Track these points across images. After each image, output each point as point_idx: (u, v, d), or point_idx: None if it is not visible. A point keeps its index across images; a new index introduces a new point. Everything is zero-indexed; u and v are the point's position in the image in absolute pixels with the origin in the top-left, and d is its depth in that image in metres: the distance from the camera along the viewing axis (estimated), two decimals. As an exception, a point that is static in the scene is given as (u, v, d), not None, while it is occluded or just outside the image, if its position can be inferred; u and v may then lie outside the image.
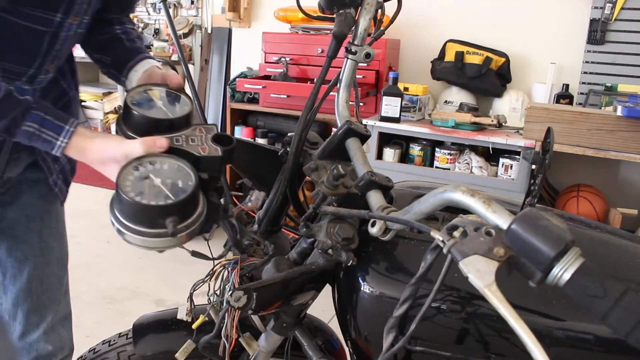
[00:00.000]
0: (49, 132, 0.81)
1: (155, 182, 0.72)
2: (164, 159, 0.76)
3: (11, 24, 0.86)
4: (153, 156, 0.76)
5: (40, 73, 0.96)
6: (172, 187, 0.72)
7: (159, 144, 0.77)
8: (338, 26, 0.85)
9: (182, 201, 0.70)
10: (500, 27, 3.13)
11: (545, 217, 0.52)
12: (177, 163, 0.75)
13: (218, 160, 0.78)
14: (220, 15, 3.94)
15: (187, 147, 0.78)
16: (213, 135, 0.81)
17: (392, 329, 0.65)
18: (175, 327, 1.03)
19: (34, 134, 0.81)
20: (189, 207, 0.72)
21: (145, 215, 0.70)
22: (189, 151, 0.78)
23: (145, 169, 0.74)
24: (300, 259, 0.86)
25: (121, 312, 2.45)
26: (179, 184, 0.72)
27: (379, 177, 0.78)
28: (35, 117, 0.81)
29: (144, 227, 0.70)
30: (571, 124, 2.52)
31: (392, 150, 2.96)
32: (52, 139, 0.81)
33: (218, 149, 0.79)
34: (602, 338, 0.67)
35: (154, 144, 0.77)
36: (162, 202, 0.69)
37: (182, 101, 0.88)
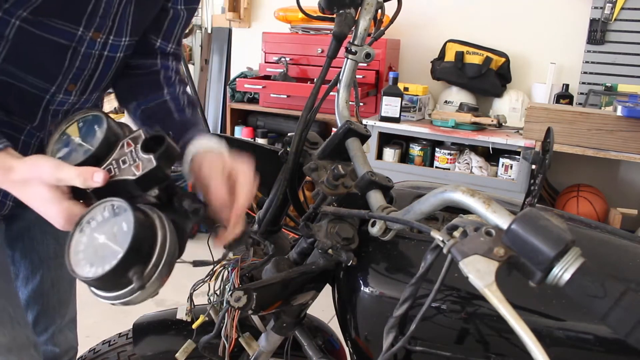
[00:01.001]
0: None
1: (100, 239, 0.64)
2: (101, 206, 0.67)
3: (34, 36, 0.83)
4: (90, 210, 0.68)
5: (59, 92, 0.91)
6: (119, 236, 0.63)
7: (96, 176, 0.67)
8: (338, 26, 0.85)
9: (130, 248, 0.61)
10: (500, 27, 3.13)
11: (545, 217, 0.52)
12: (112, 203, 0.66)
13: (155, 171, 0.67)
14: (220, 15, 3.93)
15: (120, 173, 0.68)
16: (141, 144, 0.69)
17: (392, 329, 0.65)
18: (175, 327, 1.03)
19: None
20: (143, 247, 0.63)
21: (107, 283, 0.63)
22: (123, 179, 0.68)
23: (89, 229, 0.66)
24: (300, 259, 0.86)
25: (121, 312, 2.45)
26: (124, 229, 0.63)
27: (379, 177, 0.78)
28: None
29: (114, 291, 0.64)
30: (571, 124, 2.52)
31: (392, 150, 2.96)
32: None
33: (151, 158, 0.67)
34: (602, 338, 0.67)
35: (91, 177, 0.67)
36: (114, 262, 0.61)
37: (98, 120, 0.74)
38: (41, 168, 0.69)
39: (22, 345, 0.98)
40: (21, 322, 0.99)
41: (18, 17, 0.81)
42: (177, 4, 0.98)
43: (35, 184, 0.69)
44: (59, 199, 0.69)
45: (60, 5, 0.82)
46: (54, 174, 0.69)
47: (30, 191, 0.70)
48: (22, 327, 0.99)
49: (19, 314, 0.99)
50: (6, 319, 0.96)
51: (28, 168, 0.70)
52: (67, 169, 0.68)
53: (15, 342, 0.97)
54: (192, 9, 1.02)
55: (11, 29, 0.82)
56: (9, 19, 0.81)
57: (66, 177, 0.68)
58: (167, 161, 0.69)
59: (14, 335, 0.97)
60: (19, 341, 0.97)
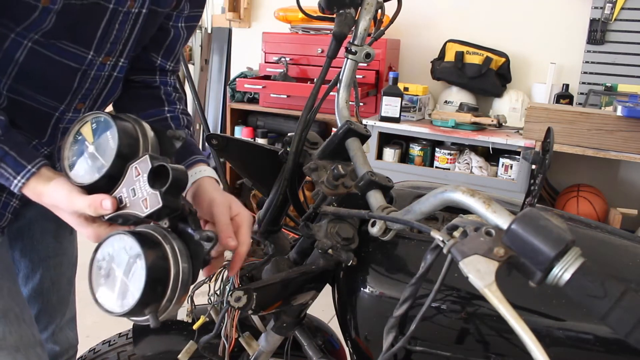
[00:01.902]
0: (8, 169, 0.76)
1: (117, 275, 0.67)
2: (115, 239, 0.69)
3: (44, 56, 0.84)
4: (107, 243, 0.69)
5: (69, 110, 0.92)
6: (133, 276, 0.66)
7: (104, 206, 0.70)
8: (338, 26, 0.85)
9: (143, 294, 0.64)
10: (500, 27, 3.13)
11: (545, 217, 0.52)
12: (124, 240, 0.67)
13: (162, 210, 0.68)
14: (220, 15, 3.93)
15: (131, 207, 0.70)
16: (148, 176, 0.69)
17: (392, 329, 0.65)
18: (175, 327, 1.03)
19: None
20: (156, 289, 0.66)
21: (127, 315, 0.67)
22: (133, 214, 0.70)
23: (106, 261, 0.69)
24: (300, 259, 0.86)
25: (121, 312, 2.45)
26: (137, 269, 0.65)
27: (379, 177, 0.78)
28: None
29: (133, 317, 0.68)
30: (571, 124, 2.52)
31: (392, 150, 2.96)
32: (9, 176, 0.76)
33: (157, 195, 0.67)
34: (602, 338, 0.67)
35: (100, 207, 0.71)
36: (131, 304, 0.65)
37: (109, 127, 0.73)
38: (58, 199, 0.74)
39: (29, 343, 0.98)
40: (27, 321, 1.00)
41: (30, 40, 0.82)
42: (178, 23, 0.99)
43: (62, 213, 0.76)
44: (83, 223, 0.75)
45: (70, 30, 0.83)
46: (69, 206, 0.73)
47: (62, 214, 0.77)
48: (28, 325, 1.00)
49: (25, 313, 1.00)
50: (13, 317, 0.96)
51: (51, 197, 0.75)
52: (78, 200, 0.72)
53: (22, 340, 0.97)
54: (192, 27, 1.03)
55: (22, 51, 0.83)
56: (21, 41, 0.82)
57: (79, 208, 0.73)
58: (175, 194, 0.69)
59: (20, 334, 0.97)
60: (25, 340, 0.98)
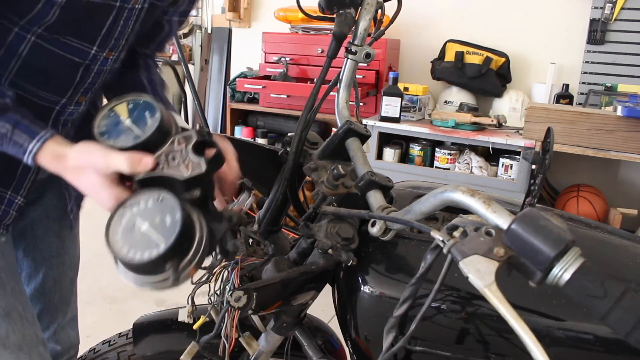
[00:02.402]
0: (22, 135, 0.75)
1: (143, 228, 0.67)
2: (146, 194, 0.69)
3: (47, 51, 0.85)
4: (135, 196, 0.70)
5: (70, 104, 0.93)
6: (161, 227, 0.66)
7: (144, 162, 0.70)
8: (338, 26, 0.85)
9: (173, 244, 0.65)
10: (500, 27, 3.13)
11: (545, 217, 0.52)
12: (160, 195, 0.68)
13: (203, 177, 0.70)
14: (220, 15, 3.94)
15: (169, 170, 0.71)
16: (193, 145, 0.71)
17: (392, 329, 0.65)
18: (176, 327, 1.03)
19: (6, 136, 0.76)
20: (184, 244, 0.67)
21: (142, 268, 0.66)
22: (171, 176, 0.70)
23: (131, 212, 0.69)
24: (300, 259, 0.85)
25: (121, 312, 2.45)
26: (167, 222, 0.66)
27: (379, 177, 0.78)
28: (10, 119, 0.76)
29: (146, 275, 0.67)
30: (571, 124, 2.52)
31: (392, 150, 2.96)
32: (23, 142, 0.75)
33: (201, 162, 0.70)
34: (602, 338, 0.67)
35: (139, 163, 0.70)
36: (155, 254, 0.64)
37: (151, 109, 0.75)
38: (92, 156, 0.73)
39: (32, 343, 0.99)
40: (30, 320, 1.00)
41: (33, 34, 0.82)
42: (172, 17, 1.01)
43: (88, 171, 0.73)
44: (109, 185, 0.72)
45: (74, 26, 0.84)
46: (104, 162, 0.71)
47: (83, 178, 0.74)
48: (31, 324, 1.00)
49: (27, 312, 1.00)
50: (16, 317, 0.97)
51: (80, 156, 0.74)
52: (116, 155, 0.71)
53: (25, 340, 0.97)
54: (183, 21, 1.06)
55: (26, 45, 0.83)
56: (24, 35, 0.82)
57: (115, 164, 0.71)
58: (215, 167, 0.72)
59: (23, 333, 0.97)
60: (28, 339, 0.98)
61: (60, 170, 0.76)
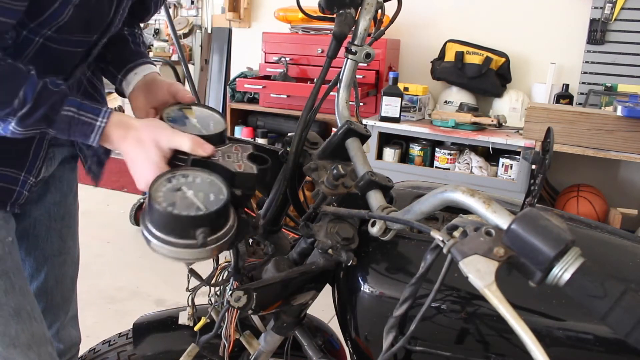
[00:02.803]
0: (88, 114, 0.80)
1: (188, 194, 0.72)
2: (197, 172, 0.75)
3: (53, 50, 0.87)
4: (187, 169, 0.76)
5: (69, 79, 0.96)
6: (204, 199, 0.71)
7: (205, 147, 0.77)
8: (338, 26, 0.85)
9: (213, 213, 0.70)
10: (500, 27, 3.13)
11: (545, 217, 0.52)
12: (210, 177, 0.75)
13: (253, 178, 0.77)
14: (220, 15, 3.94)
15: (223, 163, 0.78)
16: (249, 154, 0.81)
17: (392, 328, 0.65)
18: (176, 327, 1.03)
19: (74, 118, 0.80)
20: (220, 220, 0.72)
21: (175, 225, 0.69)
22: (224, 166, 0.77)
23: (178, 181, 0.74)
24: (300, 259, 0.85)
25: (121, 312, 2.45)
26: (211, 197, 0.72)
27: (379, 177, 0.78)
28: (73, 102, 0.80)
29: (174, 237, 0.69)
30: (571, 124, 2.52)
31: (392, 150, 2.96)
32: (91, 120, 0.80)
33: (253, 166, 0.78)
34: (602, 338, 0.67)
35: (200, 146, 0.77)
36: (193, 213, 0.69)
37: (216, 119, 0.88)
38: (159, 129, 0.79)
39: (40, 341, 0.99)
40: (37, 319, 1.00)
41: (42, 36, 0.84)
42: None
43: (148, 143, 0.78)
44: (160, 159, 0.78)
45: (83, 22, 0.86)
46: (169, 137, 0.78)
47: (140, 150, 0.79)
48: (39, 323, 1.00)
49: (35, 311, 1.00)
50: (25, 316, 0.97)
51: (148, 129, 0.80)
52: (182, 135, 0.78)
53: (34, 339, 0.97)
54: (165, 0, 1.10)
55: (33, 48, 0.85)
56: (33, 38, 0.84)
57: (179, 141, 0.78)
58: (263, 176, 0.80)
59: (32, 332, 0.97)
60: (37, 338, 0.98)
61: (121, 139, 0.81)
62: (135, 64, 1.02)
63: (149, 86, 0.99)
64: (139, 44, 1.08)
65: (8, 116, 0.78)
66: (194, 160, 0.78)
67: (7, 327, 0.94)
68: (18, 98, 0.77)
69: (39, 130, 0.81)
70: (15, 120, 0.79)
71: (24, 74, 0.79)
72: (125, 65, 1.02)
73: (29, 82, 0.78)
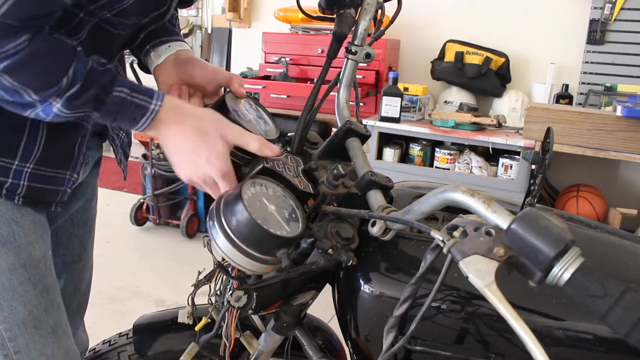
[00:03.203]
0: (141, 96, 0.75)
1: (270, 209, 0.71)
2: (269, 182, 0.75)
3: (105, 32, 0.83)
4: (262, 178, 0.75)
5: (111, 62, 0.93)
6: (285, 218, 0.71)
7: (272, 149, 0.76)
8: (338, 26, 0.85)
9: (298, 236, 0.71)
10: (500, 27, 3.13)
11: (545, 217, 0.52)
12: (282, 192, 0.75)
13: (309, 197, 0.77)
14: (220, 15, 3.94)
15: (288, 176, 0.77)
16: (303, 169, 0.81)
17: (392, 328, 0.65)
18: (176, 327, 1.03)
19: (126, 100, 0.74)
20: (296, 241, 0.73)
21: (263, 241, 0.68)
22: (290, 181, 0.77)
23: (258, 190, 0.73)
24: (300, 259, 0.85)
25: (121, 312, 2.45)
26: (287, 215, 0.72)
27: (379, 177, 0.78)
28: (124, 83, 0.75)
29: (256, 251, 0.69)
30: (571, 124, 2.52)
31: (392, 150, 2.96)
32: (145, 103, 0.75)
33: (309, 185, 0.78)
34: (602, 338, 0.67)
35: (269, 149, 0.75)
36: (285, 234, 0.69)
37: (270, 124, 0.88)
38: (228, 127, 0.77)
39: (73, 357, 0.97)
40: (69, 335, 0.98)
41: (99, 18, 0.80)
42: None
43: (215, 137, 0.76)
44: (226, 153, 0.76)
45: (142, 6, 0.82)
46: (239, 136, 0.77)
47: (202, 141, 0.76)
48: (70, 338, 0.98)
49: (68, 327, 0.98)
50: (61, 333, 0.94)
51: (213, 121, 0.77)
52: (250, 135, 0.77)
53: (67, 356, 0.95)
54: None
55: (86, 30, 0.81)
56: (88, 19, 0.79)
57: (246, 141, 0.76)
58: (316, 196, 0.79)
59: (66, 349, 0.95)
60: (70, 355, 0.96)
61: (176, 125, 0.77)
62: (169, 39, 0.98)
63: (185, 63, 0.95)
64: (174, 24, 1.05)
65: (52, 96, 0.71)
66: (264, 168, 0.77)
67: (45, 346, 0.91)
68: (67, 76, 0.71)
69: (85, 113, 0.75)
70: (61, 101, 0.72)
71: (73, 51, 0.73)
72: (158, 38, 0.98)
73: (79, 60, 0.72)
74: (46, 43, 0.70)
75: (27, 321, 0.89)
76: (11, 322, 0.88)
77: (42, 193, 0.88)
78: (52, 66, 0.71)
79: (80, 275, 1.16)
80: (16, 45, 0.67)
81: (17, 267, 0.86)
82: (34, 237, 0.88)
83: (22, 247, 0.87)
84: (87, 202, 1.12)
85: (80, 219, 1.11)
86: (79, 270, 1.15)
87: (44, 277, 0.91)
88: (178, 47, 0.97)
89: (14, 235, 0.86)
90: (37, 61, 0.69)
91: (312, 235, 0.77)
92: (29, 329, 0.89)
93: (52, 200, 0.90)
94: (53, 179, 0.89)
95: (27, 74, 0.69)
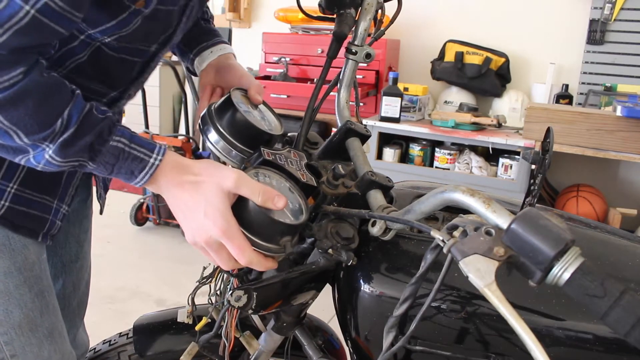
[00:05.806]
0: (141, 149, 0.69)
1: None
2: (272, 174, 0.75)
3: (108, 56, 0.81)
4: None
5: (122, 98, 0.90)
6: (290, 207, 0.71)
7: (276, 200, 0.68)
8: (338, 26, 0.85)
9: (302, 224, 0.71)
10: (500, 27, 3.13)
11: (545, 216, 0.52)
12: (288, 185, 0.75)
13: (312, 190, 0.77)
14: (220, 15, 3.94)
15: (290, 169, 0.77)
16: (306, 163, 0.81)
17: (392, 328, 0.66)
18: (176, 327, 1.03)
19: (123, 151, 0.69)
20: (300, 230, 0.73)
21: (267, 228, 0.68)
22: (293, 174, 0.77)
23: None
24: (300, 259, 0.86)
25: (121, 312, 2.45)
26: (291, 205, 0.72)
27: (379, 176, 0.78)
28: (124, 132, 0.69)
29: (259, 238, 0.69)
30: (571, 124, 2.52)
31: (392, 150, 2.97)
32: (144, 156, 0.69)
33: (312, 178, 0.78)
34: (602, 338, 0.67)
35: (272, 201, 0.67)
36: (289, 222, 0.69)
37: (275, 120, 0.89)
38: (225, 175, 0.68)
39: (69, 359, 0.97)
40: (65, 336, 0.98)
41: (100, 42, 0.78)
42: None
43: (210, 186, 0.68)
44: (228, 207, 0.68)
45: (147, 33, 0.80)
46: (236, 186, 0.67)
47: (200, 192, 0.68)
48: (67, 341, 0.98)
49: (64, 329, 0.98)
50: (57, 336, 0.94)
51: (208, 171, 0.69)
52: (250, 184, 0.68)
53: (64, 357, 0.95)
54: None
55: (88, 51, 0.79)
56: (89, 42, 0.78)
57: (247, 192, 0.67)
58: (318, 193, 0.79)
59: (63, 352, 0.95)
60: (66, 356, 0.96)
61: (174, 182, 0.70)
62: (212, 42, 1.00)
63: (222, 68, 0.98)
64: (208, 20, 1.06)
65: (45, 141, 0.66)
66: (265, 160, 0.77)
67: (41, 349, 0.91)
68: (62, 118, 0.66)
69: (78, 162, 0.69)
70: (54, 147, 0.67)
71: (71, 93, 0.68)
72: (199, 43, 1.00)
73: (75, 102, 0.67)
74: (42, 79, 0.66)
75: (23, 324, 0.88)
76: (7, 325, 0.87)
77: (24, 217, 0.86)
78: (47, 105, 0.66)
79: (79, 275, 1.16)
80: (10, 78, 0.63)
81: (12, 271, 0.86)
82: (28, 240, 0.88)
83: (17, 250, 0.86)
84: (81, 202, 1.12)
85: (75, 218, 1.11)
86: (78, 269, 1.15)
87: (39, 280, 0.90)
88: (219, 52, 1.00)
89: (8, 238, 0.85)
90: (30, 97, 0.64)
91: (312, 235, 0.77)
92: (25, 332, 0.89)
93: (36, 228, 0.88)
94: (39, 204, 0.86)
95: (19, 112, 0.64)
